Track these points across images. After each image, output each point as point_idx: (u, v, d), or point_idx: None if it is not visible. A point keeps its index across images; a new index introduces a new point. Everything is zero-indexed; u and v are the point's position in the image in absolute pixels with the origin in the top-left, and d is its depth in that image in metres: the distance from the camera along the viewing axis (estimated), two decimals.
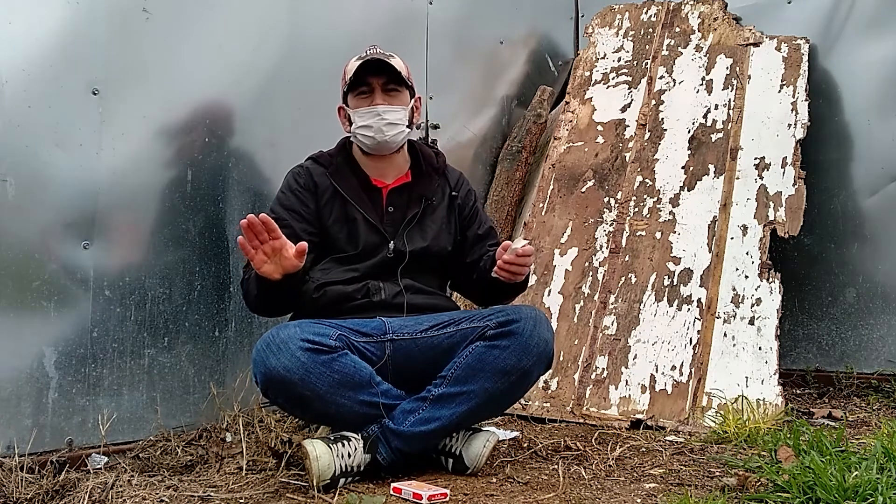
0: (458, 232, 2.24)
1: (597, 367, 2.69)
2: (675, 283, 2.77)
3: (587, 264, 2.94)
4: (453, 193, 2.24)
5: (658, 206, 2.97)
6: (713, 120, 3.09)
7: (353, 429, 1.91)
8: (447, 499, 1.74)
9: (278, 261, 1.84)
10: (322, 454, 1.80)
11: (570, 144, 3.29)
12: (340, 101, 2.18)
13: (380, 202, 2.14)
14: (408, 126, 2.14)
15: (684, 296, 2.73)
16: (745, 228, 2.81)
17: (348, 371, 1.86)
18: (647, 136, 3.17)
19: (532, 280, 2.96)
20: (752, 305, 2.65)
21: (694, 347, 2.62)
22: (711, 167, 2.98)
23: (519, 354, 1.92)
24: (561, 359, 2.72)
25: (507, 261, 1.96)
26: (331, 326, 1.91)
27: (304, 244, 1.85)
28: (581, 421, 2.56)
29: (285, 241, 1.84)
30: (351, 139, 2.18)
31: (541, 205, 3.17)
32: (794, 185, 2.84)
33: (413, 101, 2.17)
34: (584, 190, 3.14)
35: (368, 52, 2.13)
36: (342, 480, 1.83)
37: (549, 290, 2.93)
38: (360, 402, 1.89)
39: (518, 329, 1.93)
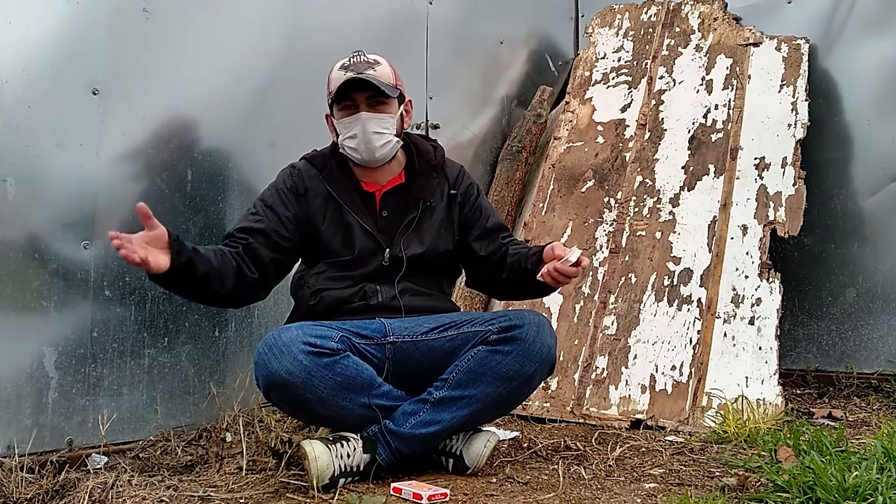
0: (458, 231, 2.16)
1: (597, 367, 2.69)
2: (675, 283, 2.77)
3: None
4: (452, 192, 2.16)
5: (658, 206, 2.97)
6: (713, 120, 3.09)
7: (353, 430, 1.90)
8: (447, 499, 1.74)
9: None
10: (321, 454, 1.80)
11: (570, 144, 3.29)
12: (327, 108, 2.12)
13: (373, 207, 2.08)
14: (396, 135, 2.06)
15: (684, 296, 2.73)
16: (745, 228, 2.81)
17: (350, 374, 1.86)
18: (647, 136, 3.17)
19: None
20: (752, 305, 2.65)
21: (694, 347, 2.62)
22: (711, 167, 2.98)
23: (521, 360, 1.91)
24: (561, 359, 2.72)
25: (559, 270, 1.88)
26: (332, 328, 1.89)
27: (142, 206, 1.69)
28: (581, 421, 2.56)
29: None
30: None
31: (541, 205, 3.17)
32: (794, 185, 2.84)
33: (402, 106, 2.09)
34: (584, 190, 3.14)
35: (352, 59, 2.03)
36: (342, 481, 1.83)
37: None
38: (362, 404, 1.88)
39: (521, 335, 1.91)
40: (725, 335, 2.62)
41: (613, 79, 3.40)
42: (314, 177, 2.09)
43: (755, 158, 2.94)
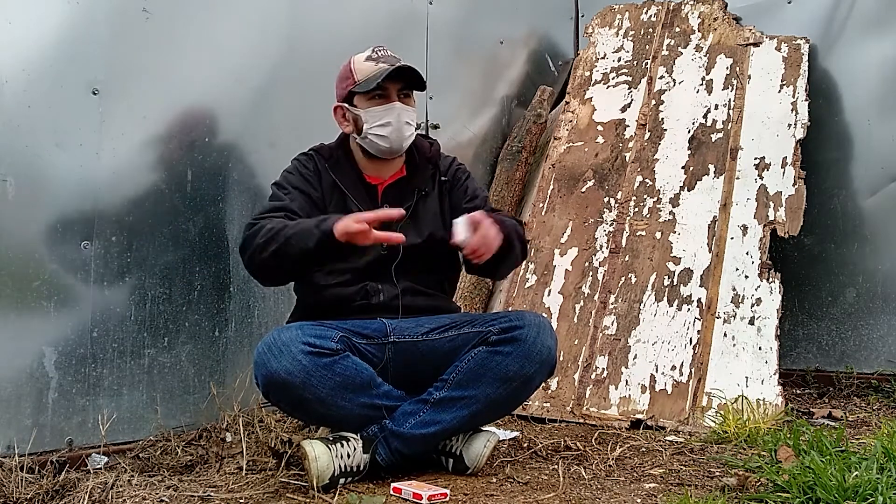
0: (451, 215, 2.14)
1: (597, 367, 2.69)
2: (675, 283, 2.77)
3: (587, 264, 2.94)
4: (443, 178, 2.19)
5: (658, 206, 2.97)
6: (713, 120, 3.09)
7: (353, 430, 1.91)
8: (447, 499, 1.74)
9: None
10: (321, 454, 1.80)
11: (570, 144, 3.29)
12: (338, 100, 2.13)
13: (375, 198, 2.11)
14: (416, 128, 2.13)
15: (684, 296, 2.73)
16: (745, 228, 2.81)
17: (349, 374, 1.86)
18: (647, 136, 3.17)
19: (532, 280, 2.96)
20: (752, 305, 2.65)
21: (694, 347, 2.62)
22: (711, 167, 2.98)
23: (522, 361, 1.91)
24: (561, 359, 2.72)
25: (469, 247, 1.88)
26: (332, 328, 1.90)
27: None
28: (581, 421, 2.56)
29: None
30: (356, 139, 2.11)
31: (541, 205, 3.17)
32: (794, 185, 2.84)
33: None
34: (584, 190, 3.14)
35: (379, 52, 2.08)
36: (342, 480, 1.83)
37: (549, 290, 2.93)
38: (361, 404, 1.89)
39: (521, 336, 1.92)
40: (725, 335, 2.62)
41: (613, 79, 3.40)
42: (322, 165, 2.13)
43: (755, 158, 2.94)
